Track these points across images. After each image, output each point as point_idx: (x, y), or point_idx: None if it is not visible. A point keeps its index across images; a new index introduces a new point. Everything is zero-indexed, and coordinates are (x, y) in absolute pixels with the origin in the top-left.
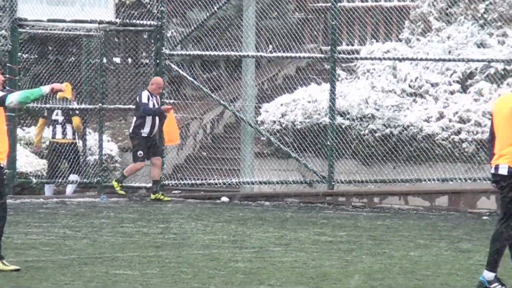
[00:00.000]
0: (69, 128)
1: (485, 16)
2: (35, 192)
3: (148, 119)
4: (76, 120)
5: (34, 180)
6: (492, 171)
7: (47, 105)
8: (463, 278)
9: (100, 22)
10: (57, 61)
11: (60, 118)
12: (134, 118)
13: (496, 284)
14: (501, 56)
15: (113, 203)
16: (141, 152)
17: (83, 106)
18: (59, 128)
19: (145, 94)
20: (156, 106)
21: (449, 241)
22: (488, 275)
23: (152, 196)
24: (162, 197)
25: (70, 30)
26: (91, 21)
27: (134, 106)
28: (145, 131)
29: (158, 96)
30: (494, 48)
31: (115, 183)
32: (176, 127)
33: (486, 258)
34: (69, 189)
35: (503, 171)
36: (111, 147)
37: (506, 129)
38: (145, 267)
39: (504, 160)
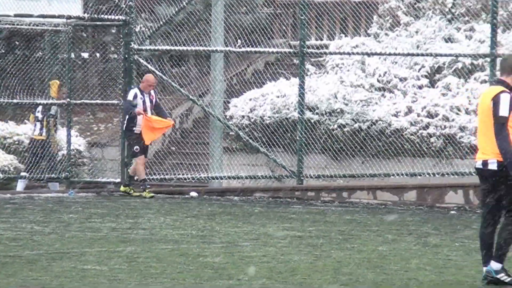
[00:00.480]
0: (37, 126)
1: (453, 10)
2: (2, 187)
3: (140, 116)
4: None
5: (1, 176)
6: (479, 166)
7: (14, 101)
8: (431, 272)
9: (68, 17)
10: (24, 56)
11: (40, 115)
12: (127, 116)
13: (503, 274)
14: (468, 50)
15: (81, 198)
16: (137, 147)
17: (50, 101)
18: (38, 125)
19: (132, 92)
20: (148, 103)
21: (417, 236)
22: (495, 265)
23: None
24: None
25: (37, 25)
26: (59, 16)
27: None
28: (137, 128)
29: (152, 93)
30: (462, 43)
31: (144, 193)
32: (150, 132)
33: (453, 252)
34: (52, 187)
35: (493, 166)
36: (79, 142)
37: (489, 124)
38: (113, 262)
39: (491, 156)
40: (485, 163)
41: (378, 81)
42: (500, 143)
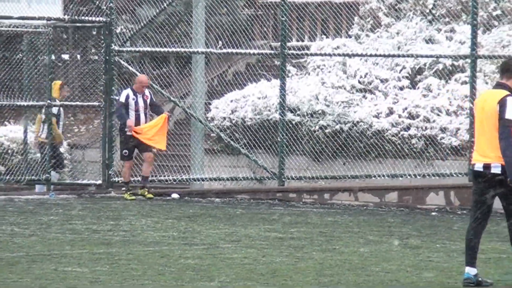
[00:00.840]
0: (45, 128)
1: (433, 11)
2: None
3: (131, 118)
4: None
5: None
6: (479, 169)
7: None
8: (412, 274)
9: (48, 19)
10: (4, 58)
11: (43, 117)
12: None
13: None
14: (449, 52)
15: (62, 200)
16: (126, 150)
17: (31, 103)
18: (45, 128)
19: (124, 93)
20: (141, 103)
21: (399, 237)
22: None
23: (139, 191)
24: (145, 193)
25: (17, 27)
26: (39, 18)
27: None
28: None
29: (147, 93)
30: (442, 44)
31: (126, 195)
32: (152, 141)
33: (434, 254)
34: (38, 188)
35: (496, 170)
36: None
37: (492, 127)
38: (94, 264)
39: (494, 159)
40: (487, 166)
41: (359, 82)
42: (505, 146)
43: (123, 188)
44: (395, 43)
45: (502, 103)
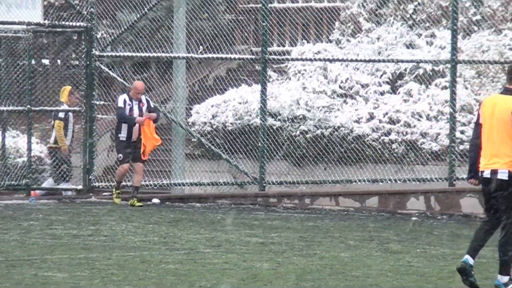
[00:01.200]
0: (53, 133)
1: (414, 16)
2: None
3: (124, 124)
4: (57, 123)
5: None
6: (487, 175)
7: None
8: (393, 279)
9: (28, 24)
10: None
11: (52, 122)
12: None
13: None
14: (429, 56)
15: (42, 205)
16: (121, 155)
17: (11, 108)
18: (52, 133)
19: (121, 98)
20: (137, 111)
21: (379, 242)
22: (503, 279)
23: (129, 202)
24: (135, 202)
25: None
26: (19, 23)
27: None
28: (122, 135)
29: (143, 101)
30: (423, 49)
31: (114, 197)
32: (149, 141)
33: (415, 259)
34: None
35: (503, 175)
36: (39, 149)
37: (504, 134)
38: (74, 269)
39: (503, 165)
40: (494, 171)
41: (340, 87)
42: None
43: (106, 193)
44: (375, 48)
45: None
